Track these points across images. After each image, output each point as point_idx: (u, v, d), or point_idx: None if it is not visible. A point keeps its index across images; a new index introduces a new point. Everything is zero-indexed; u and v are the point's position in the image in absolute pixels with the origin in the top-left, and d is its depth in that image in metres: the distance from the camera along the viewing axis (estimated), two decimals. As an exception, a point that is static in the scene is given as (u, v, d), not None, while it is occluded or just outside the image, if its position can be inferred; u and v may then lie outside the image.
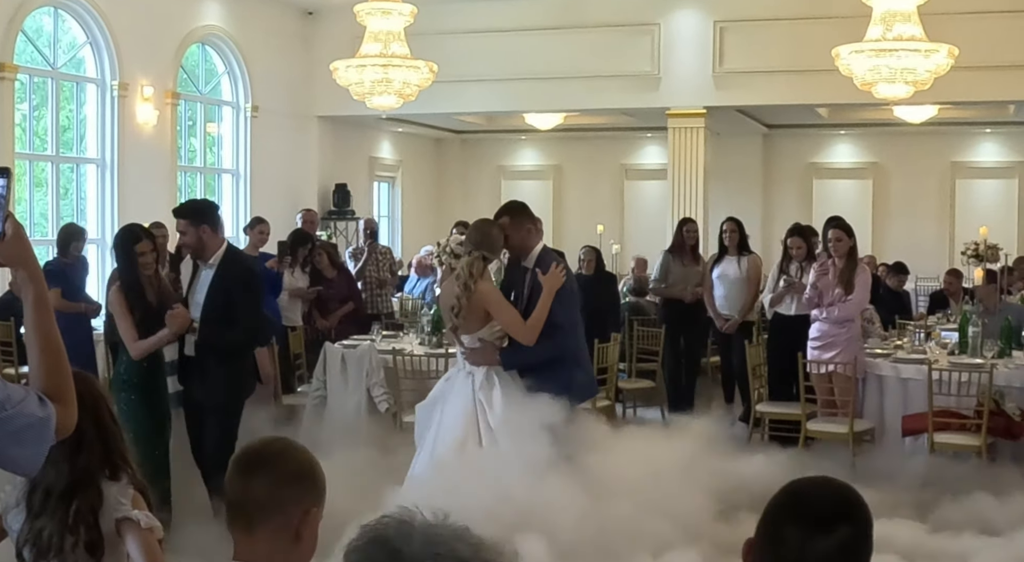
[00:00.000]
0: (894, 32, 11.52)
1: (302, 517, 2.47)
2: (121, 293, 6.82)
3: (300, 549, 2.49)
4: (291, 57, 16.03)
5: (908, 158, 18.55)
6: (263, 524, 2.46)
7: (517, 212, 6.63)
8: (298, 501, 2.47)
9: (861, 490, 2.13)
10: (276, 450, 2.55)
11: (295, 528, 2.46)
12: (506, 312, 6.38)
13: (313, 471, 2.53)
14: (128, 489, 3.23)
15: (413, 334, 10.20)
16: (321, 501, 2.53)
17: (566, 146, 19.93)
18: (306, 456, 2.56)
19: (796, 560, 2.06)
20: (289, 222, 12.83)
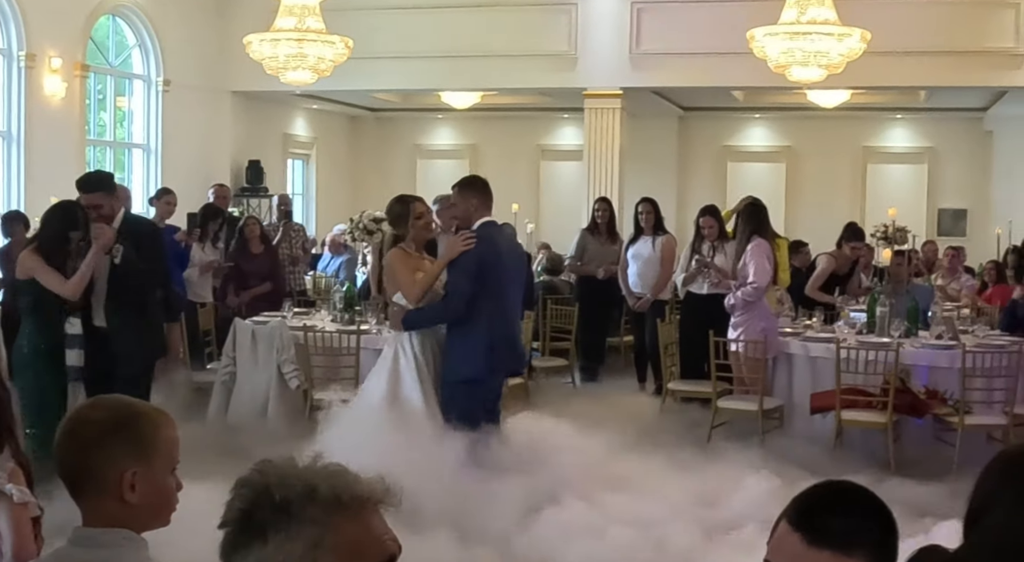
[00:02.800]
0: (808, 16, 11.64)
1: (119, 479, 2.33)
2: (38, 254, 6.82)
3: (135, 512, 2.36)
4: (205, 30, 15.76)
5: (821, 142, 18.76)
6: (82, 492, 2.36)
7: (465, 185, 7.07)
8: (111, 464, 2.33)
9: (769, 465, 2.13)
10: (81, 415, 2.42)
11: (116, 492, 2.33)
12: (400, 277, 6.86)
13: (128, 426, 2.37)
14: (7, 462, 3.12)
15: (325, 311, 10.10)
16: (150, 459, 2.37)
17: (483, 125, 19.86)
18: (119, 413, 2.40)
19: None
20: (201, 199, 12.62)
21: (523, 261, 7.27)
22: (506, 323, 6.79)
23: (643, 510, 6.13)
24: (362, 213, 9.93)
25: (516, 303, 7.00)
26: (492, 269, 6.65)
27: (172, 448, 2.43)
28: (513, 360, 7.04)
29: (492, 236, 6.80)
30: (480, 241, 6.65)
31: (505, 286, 6.78)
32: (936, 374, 8.57)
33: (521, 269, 7.19)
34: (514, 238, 7.38)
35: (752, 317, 8.93)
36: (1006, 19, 14.08)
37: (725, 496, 6.69)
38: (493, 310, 6.65)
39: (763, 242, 9.01)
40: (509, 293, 6.84)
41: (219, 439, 8.27)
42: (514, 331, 6.97)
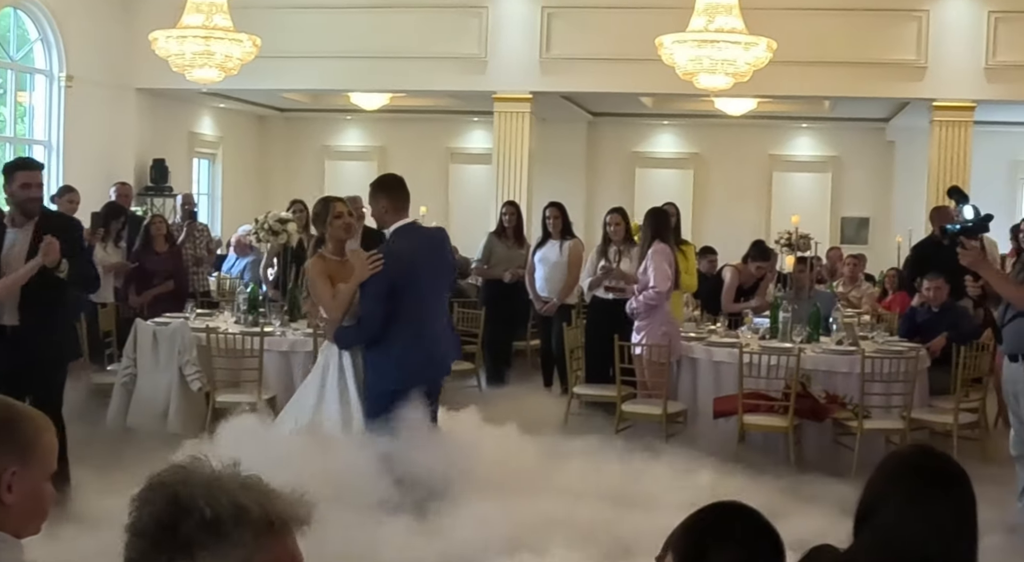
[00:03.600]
0: (716, 24, 11.76)
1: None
2: None
3: (8, 515, 2.30)
4: (109, 26, 15.47)
5: (728, 150, 18.97)
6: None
7: (374, 187, 6.80)
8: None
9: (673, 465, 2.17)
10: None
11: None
12: (318, 292, 6.75)
13: (4, 430, 2.33)
14: None
15: (228, 312, 9.98)
16: (29, 460, 2.33)
17: (392, 127, 19.78)
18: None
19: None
20: (103, 197, 12.40)
21: (448, 264, 6.95)
22: (425, 334, 6.54)
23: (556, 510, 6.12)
24: (267, 214, 9.82)
25: (439, 309, 6.75)
26: (406, 284, 6.42)
27: (51, 454, 2.39)
28: (432, 369, 6.73)
29: (402, 249, 6.51)
30: (387, 259, 6.43)
31: (425, 296, 6.53)
32: (836, 379, 8.71)
33: (446, 271, 6.92)
34: (438, 239, 6.96)
35: (654, 322, 8.99)
36: (909, 31, 14.38)
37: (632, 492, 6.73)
38: (410, 323, 6.46)
39: (664, 247, 9.08)
40: (429, 301, 6.58)
41: (121, 442, 8.15)
42: (434, 341, 6.65)
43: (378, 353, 6.49)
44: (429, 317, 6.59)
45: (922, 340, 9.23)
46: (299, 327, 9.28)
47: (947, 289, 9.28)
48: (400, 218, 6.65)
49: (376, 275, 6.39)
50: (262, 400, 8.62)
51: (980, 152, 15.15)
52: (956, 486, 2.57)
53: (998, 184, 17.57)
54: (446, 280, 6.86)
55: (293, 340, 8.98)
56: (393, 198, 6.67)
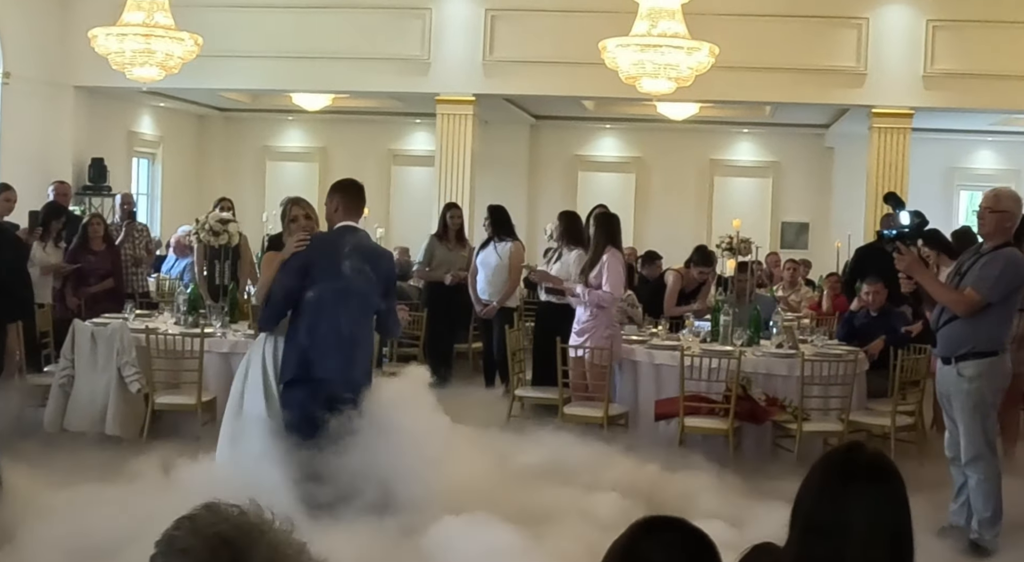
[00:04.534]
0: (659, 28, 11.82)
1: None
2: None
3: None
4: (47, 22, 15.28)
5: (669, 154, 19.09)
6: None
7: (332, 188, 6.79)
8: None
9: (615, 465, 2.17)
10: None
11: None
12: (261, 277, 6.98)
13: None
14: None
15: (168, 313, 9.89)
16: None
17: (333, 129, 19.70)
18: None
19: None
20: (40, 196, 12.22)
21: (375, 280, 6.50)
22: (331, 333, 6.35)
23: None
24: (208, 214, 9.74)
25: (355, 317, 6.45)
26: (322, 274, 6.38)
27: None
28: (343, 371, 6.37)
29: (334, 241, 6.52)
30: (315, 244, 6.49)
31: (341, 295, 6.39)
32: (776, 382, 8.78)
33: (371, 284, 6.49)
34: (377, 252, 6.82)
35: (599, 325, 9.03)
36: (849, 39, 14.55)
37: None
38: (318, 316, 6.35)
39: (618, 253, 9.14)
40: (346, 303, 6.39)
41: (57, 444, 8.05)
42: (342, 344, 6.37)
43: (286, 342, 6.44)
44: (345, 319, 6.39)
45: (860, 344, 9.33)
46: (239, 328, 9.21)
47: (885, 293, 9.38)
48: (348, 220, 6.62)
49: (297, 254, 6.46)
50: (201, 402, 8.57)
51: (918, 159, 15.36)
52: (882, 480, 2.59)
53: (935, 190, 17.84)
54: (369, 289, 6.48)
55: (234, 341, 8.91)
56: (347, 200, 6.64)
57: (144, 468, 6.89)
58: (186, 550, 1.70)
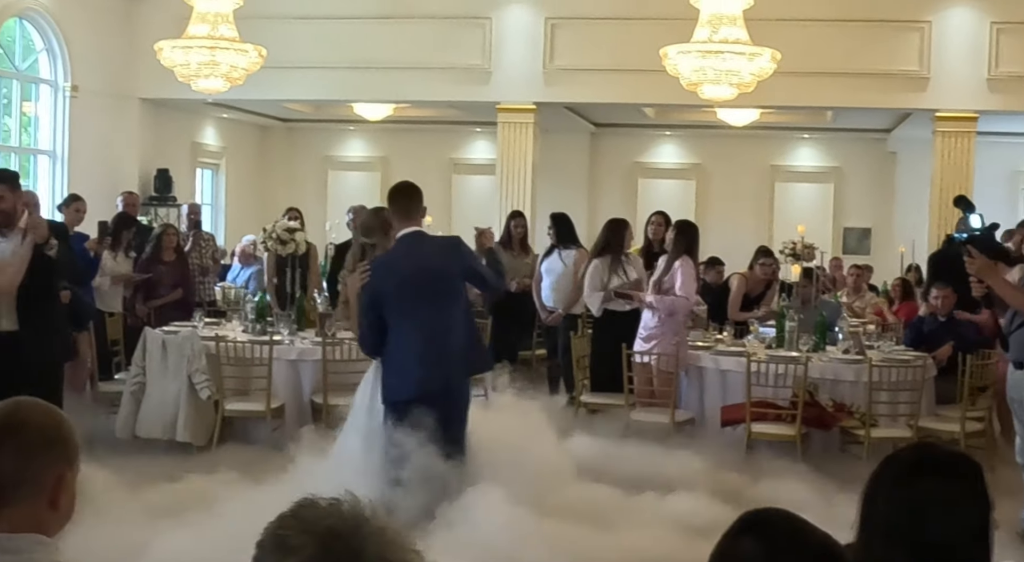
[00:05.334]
0: (720, 35, 11.81)
1: (56, 483, 2.32)
2: None
3: (58, 516, 2.35)
4: (114, 36, 15.52)
5: (730, 160, 19.02)
6: (14, 499, 2.30)
7: (388, 194, 6.76)
8: (50, 468, 2.32)
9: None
10: (17, 420, 2.36)
11: (49, 496, 2.32)
12: (351, 307, 6.94)
13: (61, 433, 2.36)
14: None
15: (236, 321, 10.01)
16: (75, 462, 2.38)
17: (395, 138, 19.82)
18: (52, 418, 2.39)
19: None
20: (108, 207, 12.42)
21: (447, 272, 6.46)
22: (419, 342, 6.35)
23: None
24: (275, 223, 9.86)
25: (439, 318, 6.41)
26: (391, 294, 6.37)
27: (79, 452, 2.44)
28: (432, 381, 6.38)
29: (386, 260, 6.56)
30: (376, 272, 6.46)
31: (417, 304, 6.36)
32: (842, 388, 8.74)
33: (443, 279, 6.43)
34: (437, 246, 6.67)
35: (666, 331, 9.05)
36: (912, 42, 14.44)
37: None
38: (403, 333, 6.37)
39: (691, 261, 9.16)
40: (424, 311, 6.37)
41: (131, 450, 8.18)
42: (429, 351, 6.37)
43: (384, 363, 6.47)
44: (425, 327, 6.39)
45: (928, 349, 9.25)
46: (307, 336, 9.31)
47: (954, 298, 9.31)
48: (406, 226, 6.55)
49: (364, 286, 6.45)
50: (270, 408, 8.67)
51: (982, 162, 15.19)
52: (958, 476, 2.54)
53: (1000, 194, 17.61)
54: (445, 288, 6.44)
55: (301, 349, 9.02)
56: (395, 207, 6.62)
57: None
58: (296, 548, 1.68)
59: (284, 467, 6.69)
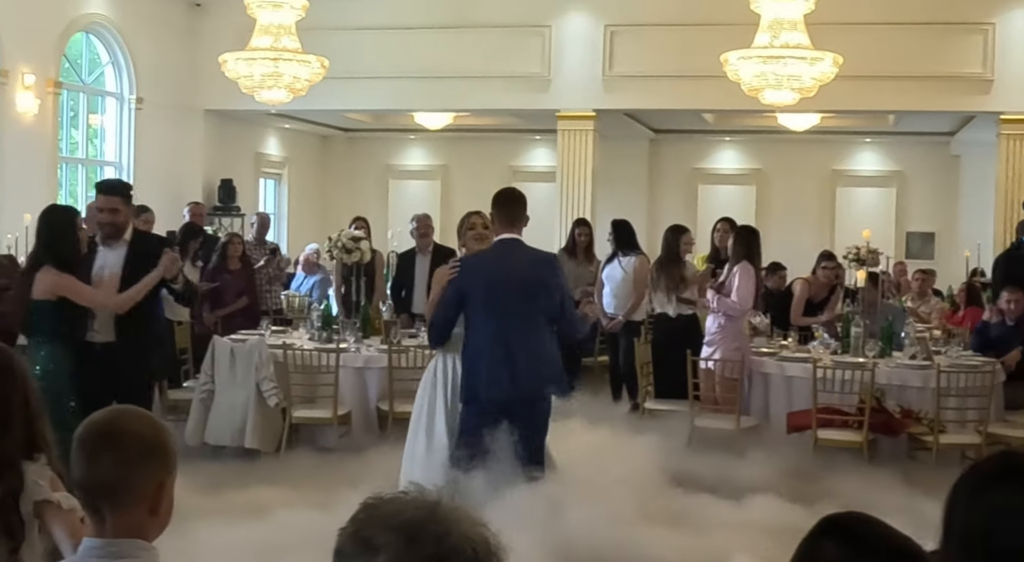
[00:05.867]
0: (781, 40, 11.77)
1: (156, 491, 2.39)
2: (61, 272, 6.68)
3: (157, 522, 2.42)
4: (177, 49, 15.75)
5: (790, 165, 18.92)
6: (117, 507, 2.37)
7: (494, 201, 6.70)
8: (150, 476, 2.38)
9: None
10: (119, 428, 2.41)
11: (150, 504, 2.38)
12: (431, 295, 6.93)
13: (161, 442, 2.42)
14: (46, 470, 3.11)
15: (302, 329, 10.10)
16: (173, 470, 2.43)
17: (455, 146, 19.91)
18: (151, 427, 2.44)
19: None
20: (173, 217, 12.60)
21: (533, 289, 6.38)
22: (491, 347, 6.36)
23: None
24: (341, 231, 9.95)
25: (515, 327, 6.35)
26: (475, 298, 6.40)
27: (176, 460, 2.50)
28: (497, 389, 6.34)
29: (474, 261, 6.59)
30: (463, 268, 6.51)
31: (496, 315, 6.35)
32: (910, 394, 8.67)
33: (529, 295, 6.36)
34: (528, 260, 6.51)
35: (726, 336, 9.04)
36: (975, 45, 14.30)
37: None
38: (480, 334, 6.40)
39: (750, 267, 9.14)
40: (501, 316, 6.35)
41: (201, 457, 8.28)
42: (500, 361, 6.33)
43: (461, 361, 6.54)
44: (501, 333, 6.39)
45: (996, 354, 9.15)
46: (372, 343, 9.39)
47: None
48: (506, 231, 6.53)
49: (450, 281, 6.50)
50: (337, 415, 8.76)
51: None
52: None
53: (1066, 197, 17.38)
54: (528, 299, 6.36)
55: (367, 356, 9.10)
56: (497, 213, 6.60)
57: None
58: (383, 546, 1.68)
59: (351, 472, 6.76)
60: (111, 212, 7.03)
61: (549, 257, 6.89)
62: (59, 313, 6.71)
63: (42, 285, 6.71)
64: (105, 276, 6.98)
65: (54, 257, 6.73)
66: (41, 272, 6.74)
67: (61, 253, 6.75)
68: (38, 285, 6.72)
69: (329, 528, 1.79)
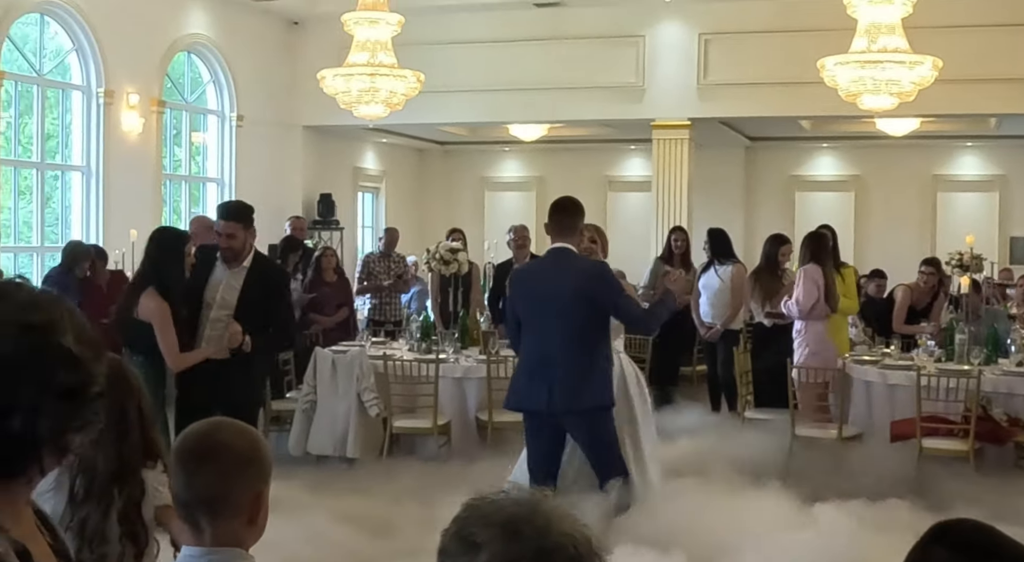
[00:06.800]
0: (879, 44, 11.61)
1: (253, 501, 2.43)
2: (164, 300, 6.75)
3: (254, 530, 2.46)
4: (276, 67, 16.04)
5: (890, 171, 18.66)
6: (216, 518, 2.41)
7: (549, 210, 6.77)
8: (248, 487, 2.43)
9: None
10: (217, 441, 2.47)
11: (247, 514, 2.43)
12: None
13: (257, 453, 2.48)
14: (163, 476, 3.20)
15: (402, 340, 10.21)
16: (269, 479, 2.48)
17: (549, 157, 19.97)
18: (249, 439, 2.51)
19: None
20: (274, 231, 12.81)
21: (572, 300, 6.27)
22: (531, 355, 6.42)
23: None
24: (439, 243, 10.06)
25: (556, 338, 6.30)
26: (523, 302, 6.50)
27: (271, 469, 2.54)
28: (530, 399, 6.37)
29: (528, 272, 6.80)
30: (512, 280, 6.73)
31: (540, 318, 6.39)
32: (1017, 402, 8.50)
33: (567, 306, 6.28)
34: (573, 271, 6.41)
35: (801, 344, 9.10)
36: (1079, 45, 13.99)
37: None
38: (525, 341, 6.49)
39: (815, 268, 9.11)
40: (543, 325, 6.36)
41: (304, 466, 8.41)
42: (539, 365, 6.34)
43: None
44: (541, 342, 6.37)
45: (1107, 361, 8.96)
46: (471, 354, 9.46)
47: None
48: (558, 241, 6.51)
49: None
50: (437, 425, 8.84)
51: None
52: None
53: None
54: (572, 311, 6.27)
55: (466, 366, 9.17)
56: (551, 222, 6.59)
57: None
58: (485, 543, 1.69)
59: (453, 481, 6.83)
60: (228, 237, 7.08)
61: (598, 267, 6.72)
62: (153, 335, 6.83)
63: (146, 306, 6.83)
64: (219, 297, 7.08)
65: (159, 280, 6.84)
66: (145, 294, 6.84)
67: (164, 278, 6.84)
68: (143, 304, 6.84)
69: (431, 534, 1.82)
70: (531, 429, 6.46)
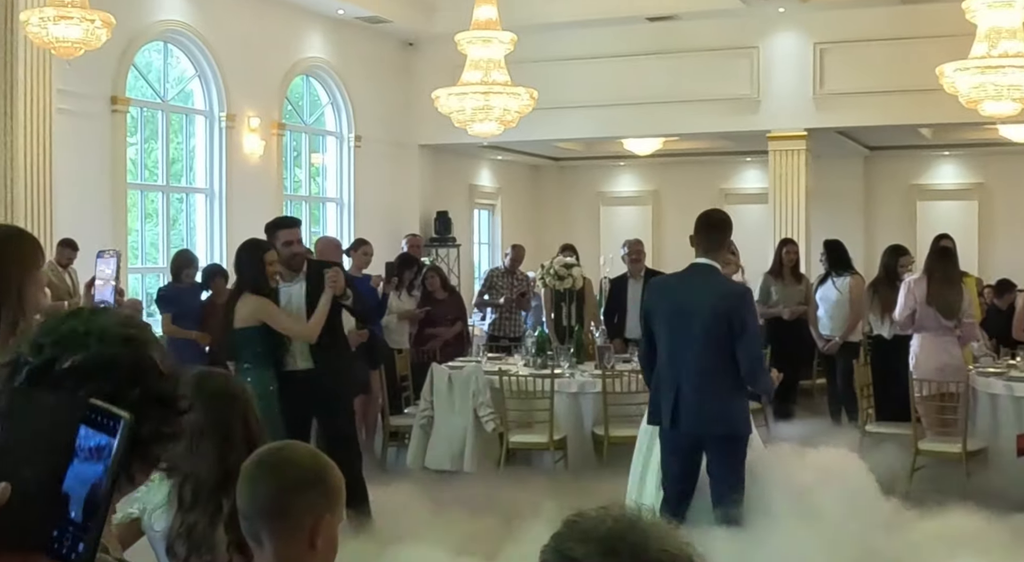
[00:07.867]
0: (999, 49, 11.38)
1: (315, 524, 2.41)
2: (260, 296, 7.01)
3: (316, 556, 2.42)
4: (392, 87, 16.27)
5: (1015, 178, 18.18)
6: (273, 533, 2.42)
7: (696, 223, 6.48)
8: (307, 507, 2.41)
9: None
10: (282, 457, 2.49)
11: (308, 537, 2.40)
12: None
13: (323, 476, 2.47)
14: None
15: (518, 355, 10.27)
16: (336, 508, 2.47)
17: (665, 171, 19.91)
18: (316, 461, 2.50)
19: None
20: (391, 249, 13.00)
21: (718, 314, 6.03)
22: (663, 371, 6.20)
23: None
24: (553, 259, 10.11)
25: (688, 357, 6.08)
26: (660, 316, 6.27)
27: (344, 498, 2.54)
28: (666, 413, 6.14)
29: (666, 284, 6.61)
30: (649, 289, 6.63)
31: (673, 334, 6.17)
32: None
33: (699, 327, 6.03)
34: (707, 289, 6.15)
35: (915, 355, 8.95)
36: None
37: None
38: (660, 356, 6.25)
39: (916, 279, 9.06)
40: (676, 342, 6.15)
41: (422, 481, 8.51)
42: (670, 383, 6.13)
43: None
44: (673, 360, 6.17)
45: None
46: (586, 369, 9.48)
47: None
48: (702, 256, 6.26)
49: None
50: (553, 440, 8.87)
51: None
52: None
53: None
54: (707, 330, 6.01)
55: (582, 381, 9.20)
56: (701, 235, 6.32)
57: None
58: (582, 558, 1.70)
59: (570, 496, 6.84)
60: (299, 242, 7.49)
61: (741, 290, 6.53)
62: (262, 339, 7.03)
63: (243, 312, 7.02)
64: (293, 308, 7.29)
65: (251, 284, 7.07)
66: (241, 300, 7.06)
67: (253, 281, 7.06)
68: (239, 312, 7.04)
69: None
70: (666, 446, 6.28)
